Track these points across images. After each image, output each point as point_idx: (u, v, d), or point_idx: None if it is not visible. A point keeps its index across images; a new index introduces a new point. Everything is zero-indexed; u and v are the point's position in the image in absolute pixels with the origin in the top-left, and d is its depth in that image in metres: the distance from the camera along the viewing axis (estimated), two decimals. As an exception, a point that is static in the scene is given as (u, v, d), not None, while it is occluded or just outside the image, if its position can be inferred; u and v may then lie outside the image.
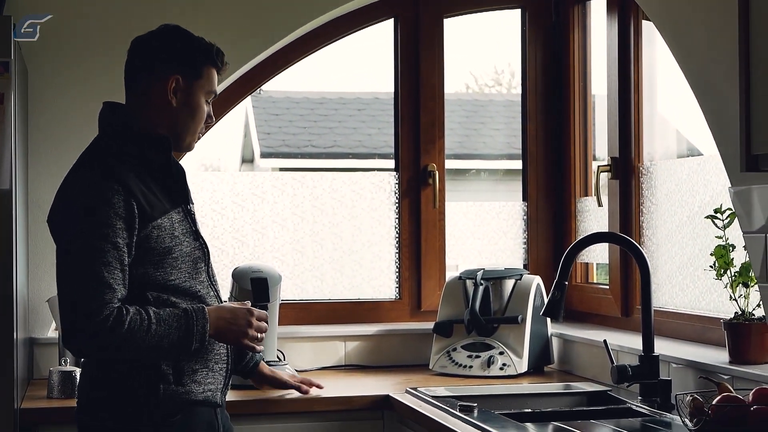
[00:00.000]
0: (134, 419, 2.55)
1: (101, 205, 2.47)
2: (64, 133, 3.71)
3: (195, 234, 2.64)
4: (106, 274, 2.45)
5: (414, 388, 3.29)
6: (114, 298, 2.45)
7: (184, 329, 2.51)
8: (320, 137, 9.54)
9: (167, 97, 2.62)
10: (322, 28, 3.99)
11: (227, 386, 2.70)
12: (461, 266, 4.13)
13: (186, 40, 2.67)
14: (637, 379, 3.02)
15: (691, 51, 2.89)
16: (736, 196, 2.74)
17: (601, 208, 3.86)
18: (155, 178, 2.60)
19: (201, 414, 2.61)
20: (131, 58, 2.69)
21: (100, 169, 2.54)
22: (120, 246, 2.48)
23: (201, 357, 2.59)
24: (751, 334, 2.86)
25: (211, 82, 2.67)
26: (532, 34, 4.19)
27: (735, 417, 2.38)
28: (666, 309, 3.53)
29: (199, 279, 2.63)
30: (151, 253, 2.53)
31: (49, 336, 3.69)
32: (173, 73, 2.62)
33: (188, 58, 2.64)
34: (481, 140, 9.51)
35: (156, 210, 2.54)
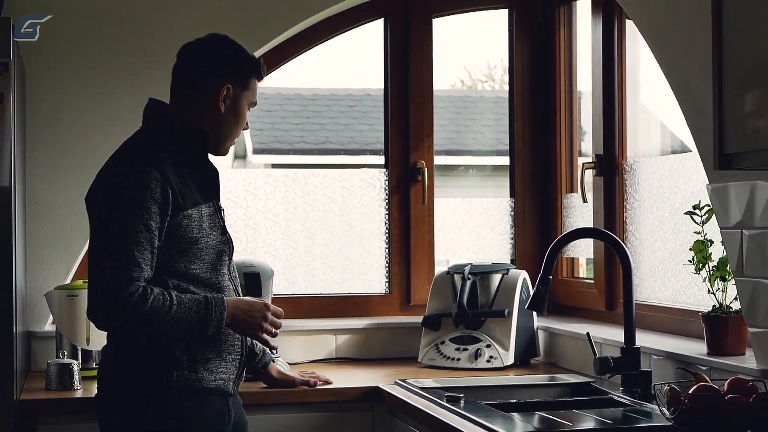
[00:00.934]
0: (146, 406, 2.67)
1: (139, 188, 2.62)
2: (61, 131, 3.79)
3: (222, 229, 2.78)
4: (137, 253, 2.59)
5: (403, 379, 3.38)
6: (141, 277, 2.60)
7: (203, 314, 2.64)
8: (312, 133, 9.60)
9: (217, 102, 2.76)
10: (312, 28, 4.07)
11: (240, 377, 2.83)
12: (450, 261, 4.22)
13: (237, 52, 2.82)
14: (618, 370, 3.11)
15: (671, 52, 2.98)
16: (713, 193, 2.83)
17: (586, 205, 3.95)
18: (191, 172, 2.74)
19: (212, 402, 2.74)
20: (182, 64, 2.84)
21: (141, 156, 2.69)
22: (152, 229, 2.62)
23: (215, 346, 2.72)
24: (729, 327, 2.94)
25: (255, 93, 2.85)
26: (519, 33, 4.28)
27: (710, 405, 2.46)
28: (648, 303, 3.62)
29: (222, 272, 2.76)
30: (178, 241, 2.67)
31: (46, 329, 3.77)
32: (226, 82, 2.76)
33: (240, 68, 2.79)
34: (471, 136, 9.59)
35: (188, 201, 2.68)
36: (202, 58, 2.80)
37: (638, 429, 2.67)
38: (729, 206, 2.77)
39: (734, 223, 2.75)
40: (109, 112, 3.83)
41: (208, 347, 2.71)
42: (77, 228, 3.78)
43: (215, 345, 2.72)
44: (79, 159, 3.79)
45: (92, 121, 3.81)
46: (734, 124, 2.22)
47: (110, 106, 3.83)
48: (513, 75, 4.30)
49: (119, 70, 3.83)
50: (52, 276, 3.78)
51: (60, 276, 3.78)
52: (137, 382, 2.68)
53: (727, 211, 2.77)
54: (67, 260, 3.80)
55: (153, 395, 2.67)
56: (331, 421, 3.37)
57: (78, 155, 3.80)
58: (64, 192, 3.79)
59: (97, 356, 3.62)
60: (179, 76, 2.83)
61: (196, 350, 2.69)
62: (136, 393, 2.69)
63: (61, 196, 3.79)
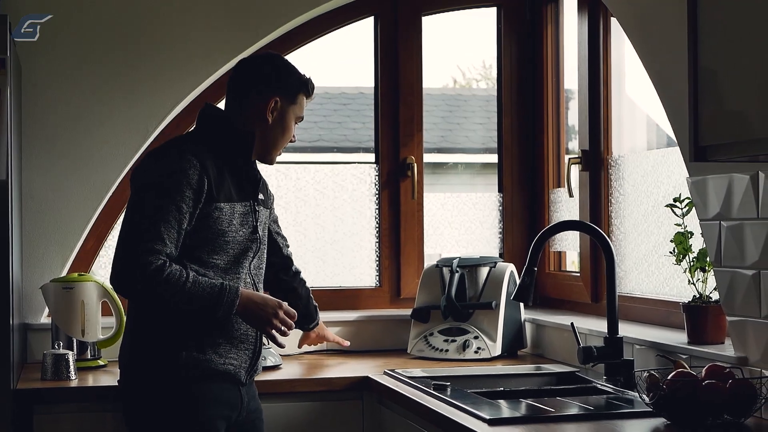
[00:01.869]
0: (157, 383, 2.87)
1: (177, 172, 2.83)
2: (57, 127, 3.85)
3: (254, 228, 2.96)
4: (164, 229, 2.79)
5: (392, 370, 3.45)
6: (163, 251, 2.79)
7: (216, 296, 2.82)
8: (305, 131, 9.64)
9: (265, 113, 2.99)
10: (302, 26, 4.14)
11: (254, 368, 2.99)
12: (442, 255, 4.29)
13: (288, 69, 3.06)
14: (601, 359, 3.19)
15: (652, 47, 3.06)
16: (693, 186, 2.90)
17: (572, 199, 4.02)
18: (233, 171, 2.95)
19: (223, 387, 2.91)
20: (236, 76, 3.06)
21: (186, 146, 2.92)
22: (183, 211, 2.82)
23: (227, 333, 2.90)
24: (708, 316, 3.02)
25: (302, 109, 3.07)
26: (507, 31, 4.35)
27: (687, 391, 2.54)
28: (633, 294, 3.69)
29: (243, 265, 2.95)
30: (206, 231, 2.87)
31: (42, 322, 3.83)
32: (273, 95, 2.99)
33: (289, 85, 3.02)
34: (463, 134, 9.65)
35: (222, 194, 2.88)
36: (256, 72, 3.03)
37: (618, 414, 2.74)
38: (708, 199, 2.84)
39: (713, 215, 2.83)
40: (104, 108, 3.89)
41: (219, 333, 2.88)
42: (72, 222, 3.85)
43: (227, 331, 2.90)
44: (74, 155, 3.86)
45: (88, 118, 3.88)
46: (709, 117, 2.29)
47: (106, 103, 3.89)
48: (501, 72, 4.37)
49: (115, 67, 3.89)
50: (48, 269, 3.85)
51: (56, 269, 3.85)
52: (149, 364, 2.88)
53: (706, 204, 2.85)
54: (62, 254, 3.86)
55: (164, 376, 2.86)
56: (322, 410, 3.44)
57: (73, 151, 3.86)
58: (60, 187, 3.86)
59: (92, 348, 3.69)
60: (233, 88, 3.05)
61: (207, 333, 2.87)
62: (148, 374, 2.89)
63: (57, 192, 3.86)
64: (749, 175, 2.68)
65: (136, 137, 3.90)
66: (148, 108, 3.90)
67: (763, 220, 2.65)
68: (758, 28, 2.17)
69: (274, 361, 3.65)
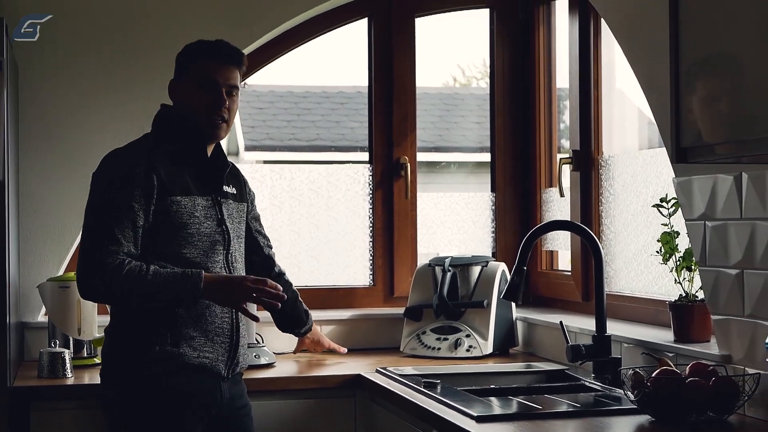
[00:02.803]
0: (131, 376, 2.91)
1: (124, 174, 2.90)
2: (53, 127, 3.90)
3: (219, 221, 2.99)
4: (117, 229, 2.85)
5: (384, 368, 3.49)
6: (120, 251, 2.85)
7: (179, 282, 2.86)
8: (303, 131, 9.71)
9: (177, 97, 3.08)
10: (297, 27, 4.18)
11: (233, 360, 3.01)
12: (436, 254, 4.33)
13: (187, 48, 3.10)
14: (589, 357, 3.23)
15: (638, 48, 3.10)
16: (678, 186, 2.94)
17: (564, 199, 4.06)
18: (191, 166, 3.00)
19: (199, 381, 2.93)
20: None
21: (135, 147, 3.01)
22: (135, 209, 2.87)
23: (200, 326, 2.92)
24: (694, 315, 3.06)
25: (202, 74, 3.03)
26: (500, 32, 4.39)
27: (671, 388, 2.58)
28: (623, 293, 3.74)
29: (214, 258, 2.98)
30: (167, 225, 2.91)
31: (39, 320, 3.88)
32: (176, 79, 3.09)
33: (180, 61, 3.09)
34: (461, 133, 9.70)
35: (178, 188, 2.92)
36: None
37: (604, 411, 2.78)
38: (693, 199, 2.88)
39: (698, 215, 2.87)
40: (100, 107, 3.94)
41: (193, 326, 2.92)
42: (69, 221, 3.89)
43: (200, 324, 2.93)
44: (71, 154, 3.90)
45: (84, 117, 3.92)
46: (690, 119, 2.33)
47: (102, 102, 3.94)
48: (494, 73, 4.42)
49: (111, 66, 3.94)
50: (45, 268, 3.89)
51: (53, 268, 3.89)
52: (124, 357, 2.93)
53: (691, 204, 2.89)
54: (59, 253, 3.91)
55: (137, 368, 2.90)
56: (315, 408, 3.48)
57: (70, 151, 3.91)
58: (57, 187, 3.90)
59: (88, 346, 3.73)
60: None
61: (180, 327, 2.90)
62: (123, 367, 2.94)
63: (54, 191, 3.90)
64: (733, 175, 2.72)
65: (132, 135, 3.85)
66: (144, 107, 3.92)
67: (746, 221, 2.69)
68: (739, 30, 2.21)
69: (268, 359, 3.69)
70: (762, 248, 2.64)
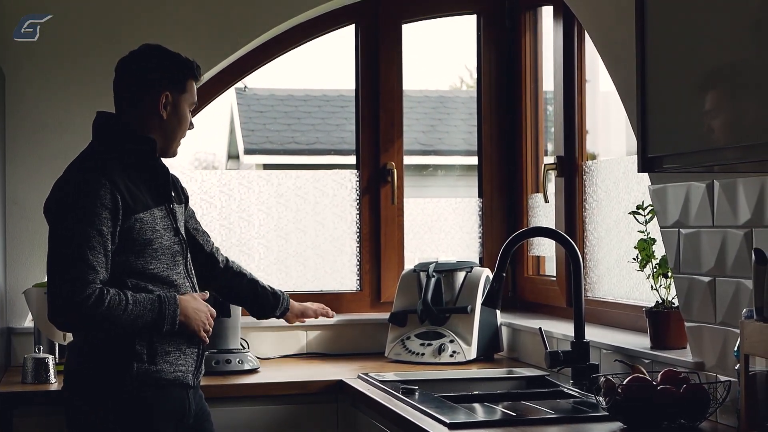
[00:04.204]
0: (108, 393, 2.83)
1: (89, 196, 2.77)
2: (40, 134, 3.92)
3: (175, 230, 2.94)
4: (91, 257, 2.75)
5: (366, 373, 3.51)
6: (97, 279, 2.75)
7: (158, 312, 2.81)
8: (303, 134, 9.74)
9: (159, 111, 2.94)
10: (284, 34, 4.20)
11: (200, 369, 2.98)
12: (425, 259, 4.34)
13: (171, 59, 2.98)
14: (568, 363, 3.24)
15: (616, 55, 3.11)
16: (654, 194, 2.96)
17: (549, 204, 4.07)
18: (142, 177, 2.90)
19: (171, 394, 2.89)
20: (120, 77, 3.00)
21: (90, 167, 2.85)
22: (104, 233, 2.77)
23: (174, 340, 2.88)
24: (670, 322, 3.07)
25: (193, 94, 3.01)
26: (487, 38, 4.41)
27: (642, 395, 2.59)
28: (605, 299, 3.75)
29: (177, 270, 2.92)
30: (132, 243, 2.83)
31: (25, 326, 3.90)
32: (164, 90, 2.94)
33: (174, 75, 2.96)
34: (460, 137, 9.71)
35: (139, 204, 2.84)
36: (140, 70, 2.96)
37: (577, 418, 2.79)
38: (667, 206, 2.90)
39: (672, 223, 2.88)
40: (88, 115, 3.89)
41: (168, 341, 2.87)
42: (56, 228, 3.90)
43: (174, 338, 2.88)
44: (58, 161, 3.88)
45: (71, 125, 3.94)
46: (656, 129, 2.34)
47: (89, 108, 3.90)
48: (481, 78, 4.43)
49: (98, 73, 3.94)
50: (32, 274, 3.91)
51: (40, 274, 3.91)
52: (100, 374, 2.84)
53: (666, 211, 2.90)
54: (45, 259, 3.91)
55: (114, 386, 2.83)
56: (297, 414, 3.50)
57: (57, 157, 3.90)
58: (44, 193, 3.89)
59: (73, 351, 3.76)
60: (120, 90, 2.99)
61: (156, 343, 2.85)
62: (98, 384, 2.85)
63: (41, 198, 3.85)
64: (705, 183, 2.73)
65: None
66: (129, 115, 3.96)
67: (717, 228, 2.70)
68: (705, 40, 2.22)
69: (251, 365, 3.71)
70: (733, 256, 2.65)
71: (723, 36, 2.15)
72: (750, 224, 2.58)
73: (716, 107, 2.18)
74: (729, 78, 2.13)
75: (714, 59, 2.19)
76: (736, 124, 2.11)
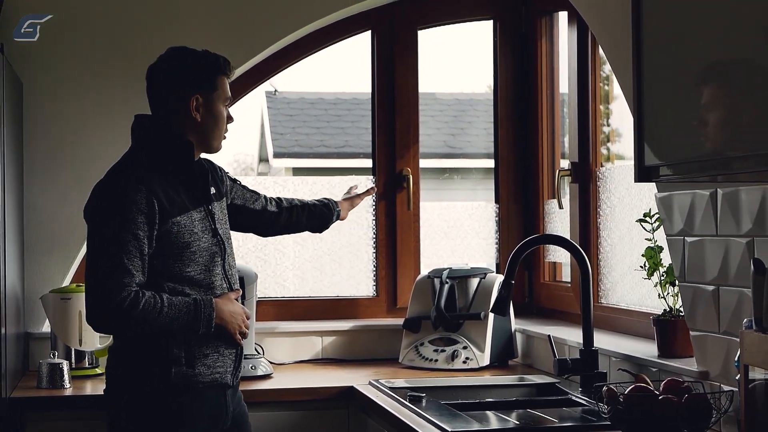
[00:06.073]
0: (146, 397, 2.90)
1: (126, 201, 2.83)
2: (58, 141, 3.96)
3: (213, 231, 2.99)
4: (126, 261, 2.81)
5: (376, 380, 3.52)
6: (132, 282, 2.82)
7: (193, 315, 2.87)
8: (332, 137, 9.76)
9: (191, 113, 2.97)
10: (300, 41, 4.22)
11: (238, 369, 3.04)
12: (443, 265, 4.34)
13: (197, 59, 3.00)
14: (576, 371, 3.23)
15: (624, 61, 3.09)
16: (660, 202, 2.94)
17: (565, 211, 4.06)
18: (180, 180, 2.95)
19: (209, 396, 2.95)
20: (150, 85, 3.02)
21: (127, 171, 2.92)
22: (140, 237, 2.83)
23: (212, 343, 2.94)
24: (677, 330, 3.06)
25: (225, 90, 3.03)
26: (503, 43, 4.40)
27: (644, 405, 2.58)
28: (618, 306, 3.73)
29: (215, 272, 2.98)
30: (171, 247, 2.89)
31: (43, 331, 3.94)
32: (194, 93, 2.97)
33: (202, 75, 2.98)
34: (488, 139, 9.70)
35: (176, 208, 2.89)
36: (167, 75, 2.99)
37: (580, 427, 2.79)
38: (673, 214, 2.88)
39: (677, 231, 2.87)
40: (104, 121, 3.99)
41: (205, 343, 2.93)
42: (74, 234, 3.95)
43: (212, 341, 2.94)
44: (75, 168, 3.97)
45: (88, 131, 3.98)
46: (653, 139, 2.34)
47: (105, 116, 3.99)
48: (497, 84, 4.43)
49: (113, 82, 3.99)
50: (49, 280, 3.95)
51: (57, 280, 3.95)
52: (139, 378, 2.91)
53: (672, 219, 2.89)
54: (63, 264, 3.97)
55: (152, 390, 2.89)
56: (308, 420, 3.51)
57: (74, 164, 3.97)
58: (61, 200, 3.96)
59: (89, 357, 3.80)
60: (152, 96, 3.02)
61: (194, 347, 2.91)
62: (137, 388, 2.91)
63: (58, 204, 3.96)
64: (709, 192, 2.72)
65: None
66: (146, 122, 3.99)
67: (721, 237, 2.69)
68: (702, 49, 2.21)
69: (264, 370, 3.73)
70: (735, 265, 2.63)
71: (719, 43, 2.14)
72: (752, 233, 2.57)
73: (712, 115, 2.17)
74: (726, 86, 2.12)
75: (711, 64, 2.17)
76: (731, 133, 2.10)
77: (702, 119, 2.19)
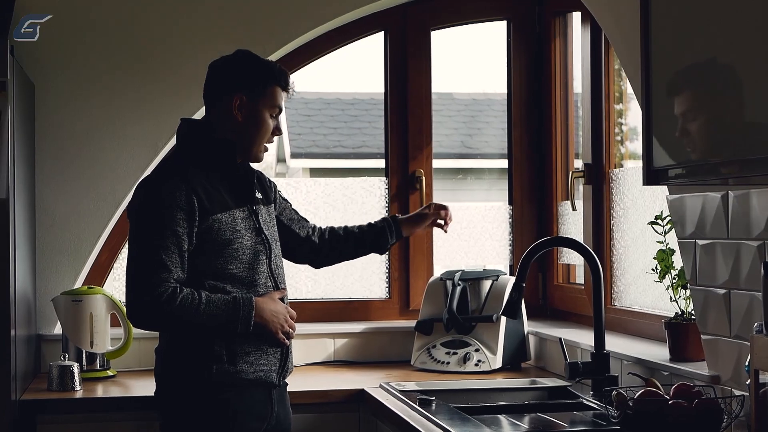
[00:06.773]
0: (189, 396, 2.93)
1: (165, 198, 2.88)
2: (68, 144, 3.96)
3: (258, 230, 3.01)
4: (164, 256, 2.85)
5: (387, 383, 3.50)
6: (170, 278, 2.85)
7: (231, 313, 2.89)
8: (350, 138, 9.74)
9: (233, 112, 2.99)
10: (312, 42, 4.20)
11: (285, 368, 3.05)
12: (458, 267, 4.31)
13: (253, 63, 3.05)
14: (587, 375, 3.21)
15: (637, 66, 3.06)
16: (671, 204, 2.92)
17: (578, 212, 4.03)
18: (223, 180, 2.98)
19: (253, 394, 2.97)
20: (207, 80, 3.08)
21: (168, 170, 2.98)
22: (179, 234, 2.86)
23: (255, 341, 2.95)
24: (689, 333, 3.03)
25: (274, 100, 3.04)
26: (517, 44, 4.37)
27: (653, 410, 2.56)
28: (632, 308, 3.70)
29: (259, 270, 2.99)
30: (211, 243, 2.91)
31: (55, 333, 3.94)
32: (237, 93, 3.00)
33: (253, 79, 3.02)
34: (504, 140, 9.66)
35: (217, 206, 2.92)
36: (219, 73, 3.05)
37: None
38: (685, 217, 2.86)
39: (689, 234, 2.84)
40: (115, 124, 3.99)
41: (248, 341, 2.94)
42: (85, 236, 3.96)
43: (255, 340, 2.95)
44: (85, 170, 3.97)
45: (99, 134, 3.98)
46: (661, 141, 2.31)
47: (117, 119, 3.99)
48: (511, 84, 4.40)
49: (126, 85, 3.99)
50: (61, 281, 3.95)
51: (69, 281, 3.96)
52: (183, 378, 2.94)
53: (683, 222, 2.86)
54: (75, 267, 3.97)
55: (197, 388, 2.92)
56: (318, 423, 3.50)
57: (85, 167, 3.97)
58: (72, 202, 3.97)
59: (101, 359, 3.80)
60: (206, 94, 3.08)
61: (236, 345, 2.92)
62: (183, 387, 2.95)
63: (70, 206, 3.96)
64: (720, 194, 2.69)
65: (146, 152, 4.00)
66: (157, 124, 4.00)
67: (732, 240, 2.66)
68: (710, 52, 2.18)
69: (275, 372, 3.72)
70: (747, 268, 2.60)
71: (728, 46, 2.11)
72: (763, 237, 2.54)
73: (720, 120, 2.15)
74: (731, 89, 2.09)
75: (718, 72, 2.15)
76: (736, 136, 2.08)
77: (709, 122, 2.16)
